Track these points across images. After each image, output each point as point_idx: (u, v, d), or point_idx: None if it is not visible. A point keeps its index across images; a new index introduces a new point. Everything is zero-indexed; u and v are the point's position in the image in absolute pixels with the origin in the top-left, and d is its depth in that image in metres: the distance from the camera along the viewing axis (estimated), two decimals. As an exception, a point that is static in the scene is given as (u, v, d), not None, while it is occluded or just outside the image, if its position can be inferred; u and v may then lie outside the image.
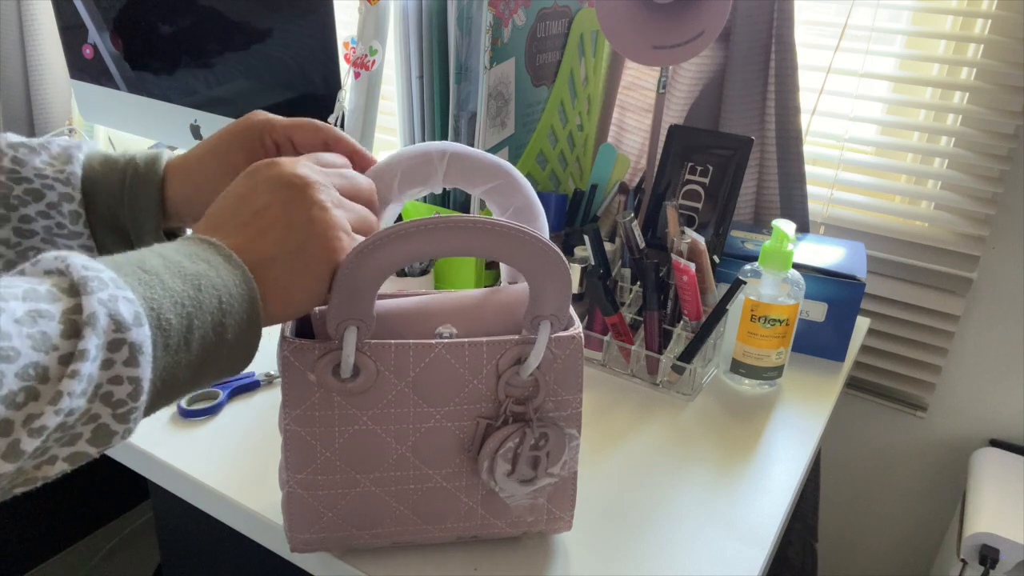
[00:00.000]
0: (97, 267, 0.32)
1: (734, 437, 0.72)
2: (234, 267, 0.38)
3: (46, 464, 0.31)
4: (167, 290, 0.34)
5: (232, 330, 0.37)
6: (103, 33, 1.18)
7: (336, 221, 0.42)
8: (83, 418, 0.31)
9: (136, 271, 0.34)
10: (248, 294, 0.38)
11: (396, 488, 0.51)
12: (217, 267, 0.37)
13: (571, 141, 0.99)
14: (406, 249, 0.44)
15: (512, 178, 0.52)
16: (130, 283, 0.33)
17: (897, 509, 1.19)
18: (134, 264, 0.34)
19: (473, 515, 0.53)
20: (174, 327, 0.34)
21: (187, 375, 0.36)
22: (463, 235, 0.44)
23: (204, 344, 0.36)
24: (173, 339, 0.34)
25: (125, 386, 0.32)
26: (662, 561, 0.57)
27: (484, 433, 0.50)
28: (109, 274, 0.32)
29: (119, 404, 0.32)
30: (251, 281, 0.38)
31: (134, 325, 0.32)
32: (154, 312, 0.33)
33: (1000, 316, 1.02)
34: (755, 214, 1.05)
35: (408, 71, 0.86)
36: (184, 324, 0.34)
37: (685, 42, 0.82)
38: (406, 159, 0.51)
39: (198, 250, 0.37)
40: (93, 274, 0.31)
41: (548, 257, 0.46)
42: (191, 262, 0.36)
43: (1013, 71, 0.93)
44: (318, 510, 0.51)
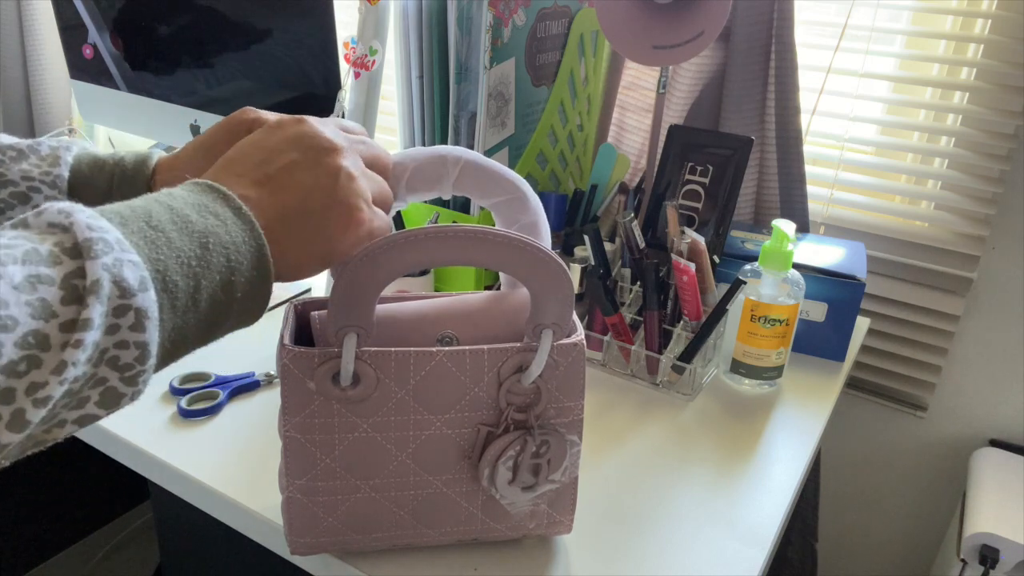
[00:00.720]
0: (102, 226, 0.31)
1: (734, 437, 0.72)
2: (244, 222, 0.37)
3: (55, 427, 0.31)
4: (173, 249, 0.33)
5: (241, 288, 0.36)
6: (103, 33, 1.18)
7: (361, 191, 0.41)
8: (90, 382, 0.31)
9: (142, 228, 0.33)
10: (257, 251, 0.37)
11: (396, 494, 0.51)
12: (226, 221, 0.36)
13: (571, 141, 0.99)
14: (407, 257, 0.44)
15: (524, 195, 0.51)
16: (135, 243, 0.32)
17: (897, 509, 1.19)
18: (141, 218, 0.33)
19: (473, 520, 0.53)
20: (181, 288, 0.33)
21: (196, 333, 0.35)
22: (466, 244, 0.44)
23: (213, 303, 0.35)
24: (180, 300, 0.33)
25: (132, 350, 0.31)
26: (662, 561, 0.57)
27: (485, 440, 0.50)
28: (115, 234, 0.31)
29: (126, 368, 0.32)
30: (260, 237, 0.37)
31: (139, 290, 0.31)
32: (160, 274, 0.32)
33: (1000, 316, 1.02)
34: (755, 214, 1.05)
35: (408, 71, 0.86)
36: (191, 284, 0.34)
37: (685, 42, 0.82)
38: (420, 158, 0.50)
39: (207, 201, 0.36)
40: (98, 235, 0.30)
41: (550, 267, 0.46)
42: (199, 215, 0.35)
43: (1013, 71, 0.93)
44: (318, 515, 0.50)
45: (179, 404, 0.69)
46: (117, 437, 0.66)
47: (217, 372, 0.74)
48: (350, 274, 0.43)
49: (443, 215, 0.86)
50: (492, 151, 0.85)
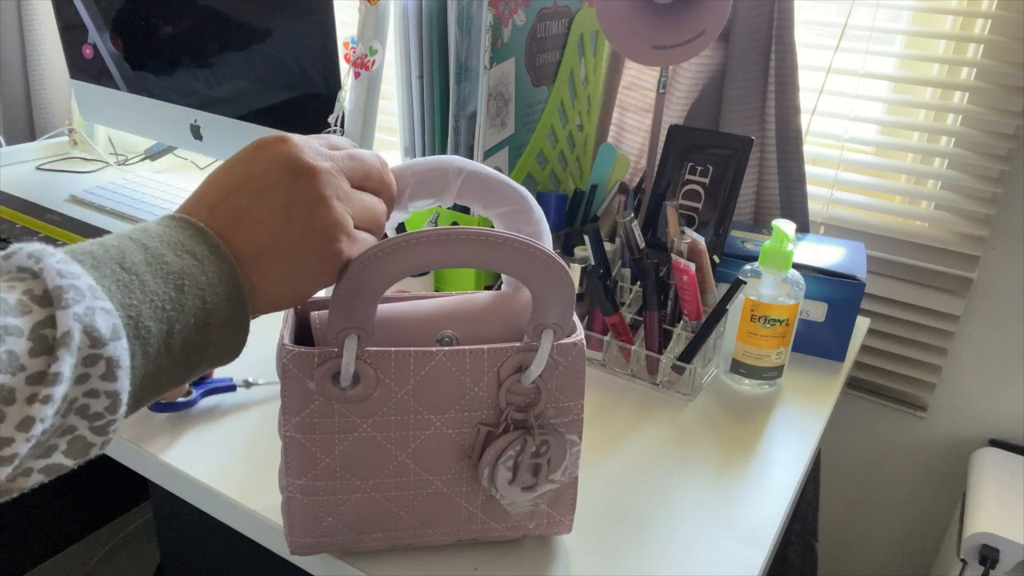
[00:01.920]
0: (73, 272, 0.30)
1: (734, 437, 0.72)
2: (221, 260, 0.35)
3: (21, 476, 0.30)
4: (147, 293, 0.32)
5: (217, 330, 0.35)
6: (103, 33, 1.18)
7: (338, 220, 0.39)
8: (58, 432, 0.30)
9: (115, 271, 0.32)
10: (234, 291, 0.36)
11: (396, 494, 0.51)
12: (203, 261, 0.35)
13: (571, 141, 0.99)
14: (409, 260, 0.43)
15: (527, 205, 0.51)
16: (108, 288, 0.31)
17: (897, 509, 1.19)
18: (114, 260, 0.32)
19: (473, 520, 0.53)
20: (153, 334, 0.32)
21: (169, 378, 0.34)
22: (467, 247, 0.44)
23: (186, 346, 0.34)
24: (153, 346, 0.32)
25: (102, 399, 0.30)
26: (662, 561, 0.57)
27: (485, 440, 0.50)
28: (86, 280, 0.30)
29: (96, 417, 0.30)
30: (238, 278, 0.36)
31: (111, 339, 0.30)
32: (132, 320, 0.31)
33: (1000, 316, 1.03)
34: (755, 214, 1.05)
35: (408, 71, 0.86)
36: (164, 329, 0.33)
37: (685, 42, 0.82)
38: (421, 169, 0.49)
39: (184, 238, 0.35)
40: (69, 282, 0.29)
41: (552, 268, 0.46)
42: (175, 255, 0.34)
43: (1013, 71, 0.93)
44: (318, 515, 0.50)
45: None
46: (117, 437, 0.66)
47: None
48: (352, 276, 0.43)
49: (443, 216, 0.86)
50: (492, 151, 0.85)
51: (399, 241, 0.43)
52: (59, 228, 1.01)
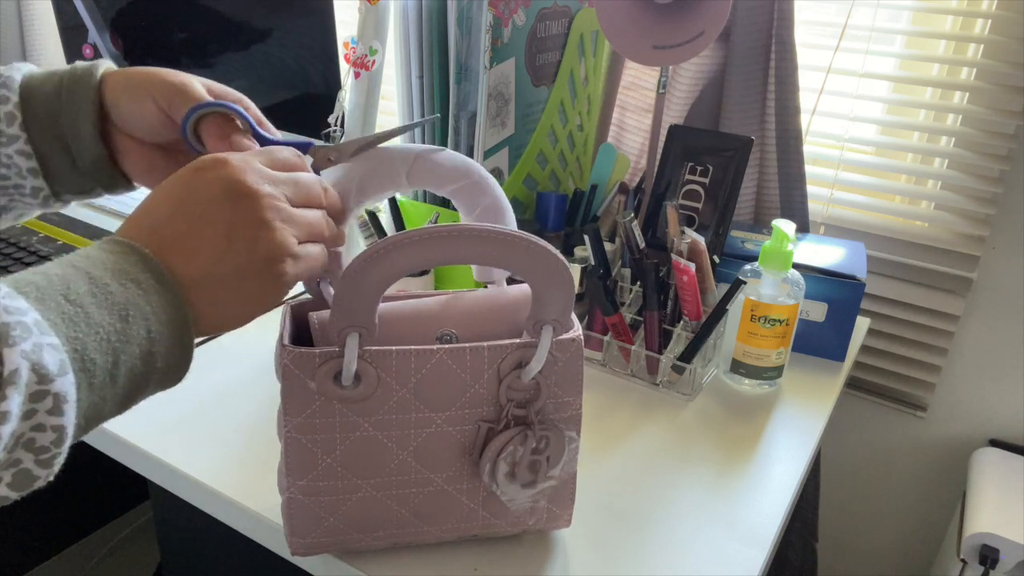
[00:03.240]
0: (19, 307, 0.30)
1: (734, 437, 0.72)
2: (165, 289, 0.35)
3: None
4: (92, 326, 0.32)
5: (162, 358, 0.35)
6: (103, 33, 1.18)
7: (282, 244, 0.39)
8: (3, 465, 0.30)
9: (60, 303, 0.31)
10: (179, 319, 0.36)
11: (397, 492, 0.51)
12: (147, 289, 0.35)
13: (571, 141, 0.99)
14: (410, 258, 0.43)
15: (479, 178, 0.51)
16: (53, 322, 0.31)
17: (897, 509, 1.19)
18: (59, 292, 0.32)
19: (474, 516, 0.53)
20: (99, 366, 0.32)
21: (113, 406, 0.34)
22: (467, 243, 0.44)
23: (131, 376, 0.34)
24: (98, 378, 0.32)
25: (48, 433, 0.30)
26: (662, 561, 0.57)
27: (485, 437, 0.50)
28: (32, 316, 0.30)
29: (42, 450, 0.31)
30: (183, 306, 0.36)
31: (58, 375, 0.30)
32: (78, 354, 0.31)
33: (1000, 316, 1.02)
34: (755, 214, 1.05)
35: (408, 71, 0.86)
36: (109, 361, 0.33)
37: (685, 42, 0.82)
38: (361, 166, 0.50)
39: (128, 265, 0.35)
40: (15, 319, 0.29)
41: (552, 264, 0.46)
42: (119, 284, 0.34)
43: (1013, 71, 0.93)
44: (319, 515, 0.50)
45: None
46: (117, 437, 0.66)
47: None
48: (353, 275, 0.43)
49: (443, 215, 0.86)
50: (492, 151, 0.85)
51: (399, 239, 0.43)
52: (59, 228, 1.01)
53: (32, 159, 0.48)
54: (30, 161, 0.48)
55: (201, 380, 0.74)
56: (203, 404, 0.70)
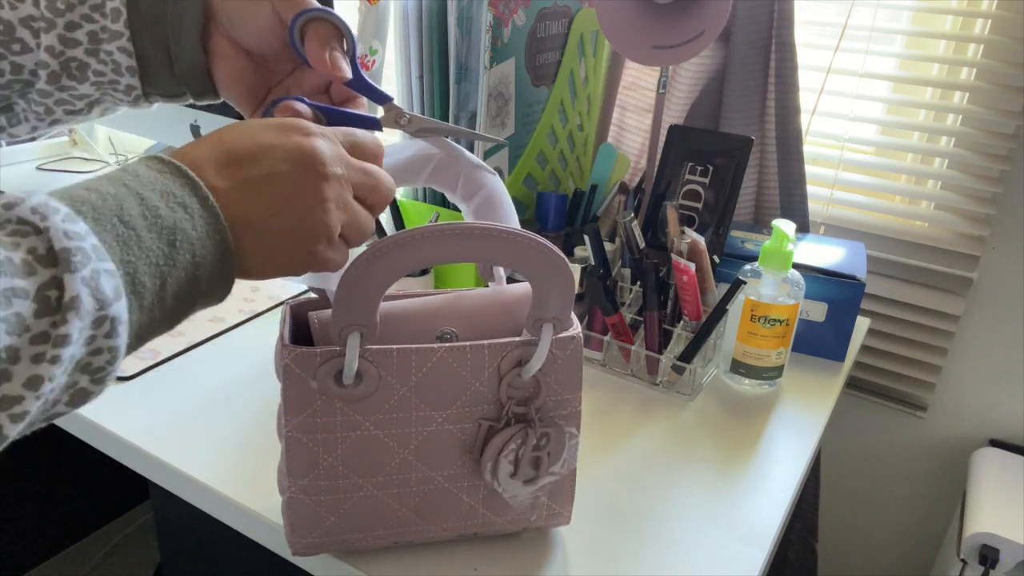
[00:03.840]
0: (78, 232, 0.30)
1: (734, 437, 0.72)
2: (210, 215, 0.36)
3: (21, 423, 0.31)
4: (144, 249, 0.33)
5: (206, 282, 0.37)
6: (103, 33, 1.17)
7: (329, 226, 0.40)
8: (63, 387, 0.31)
9: (115, 226, 0.32)
10: (221, 246, 0.37)
11: (398, 491, 0.51)
12: (193, 214, 0.35)
13: (571, 141, 0.99)
14: (411, 256, 0.44)
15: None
16: (109, 245, 0.32)
17: (897, 509, 1.19)
18: (113, 213, 0.33)
19: (475, 514, 0.53)
20: (148, 289, 0.33)
21: (161, 327, 0.36)
22: (468, 242, 0.44)
23: (177, 298, 0.36)
24: (147, 300, 0.34)
25: (104, 355, 0.32)
26: (662, 561, 0.57)
27: (486, 435, 0.50)
28: (91, 241, 0.31)
29: (97, 371, 0.32)
30: (224, 231, 0.37)
31: (114, 300, 0.31)
32: (130, 277, 0.32)
33: (1000, 316, 1.03)
34: (755, 214, 1.05)
35: (408, 71, 0.86)
36: (158, 284, 0.34)
37: (685, 42, 0.82)
38: (400, 161, 0.51)
39: (176, 188, 0.35)
40: (75, 244, 0.30)
41: (553, 261, 0.46)
42: (168, 207, 0.35)
43: (1013, 71, 0.93)
44: (320, 515, 0.50)
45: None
46: (117, 437, 0.66)
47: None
48: (355, 273, 0.43)
49: (443, 215, 0.86)
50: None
51: (400, 238, 0.43)
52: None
53: (132, 57, 0.48)
54: (130, 60, 0.48)
55: (201, 380, 0.74)
56: (203, 404, 0.70)
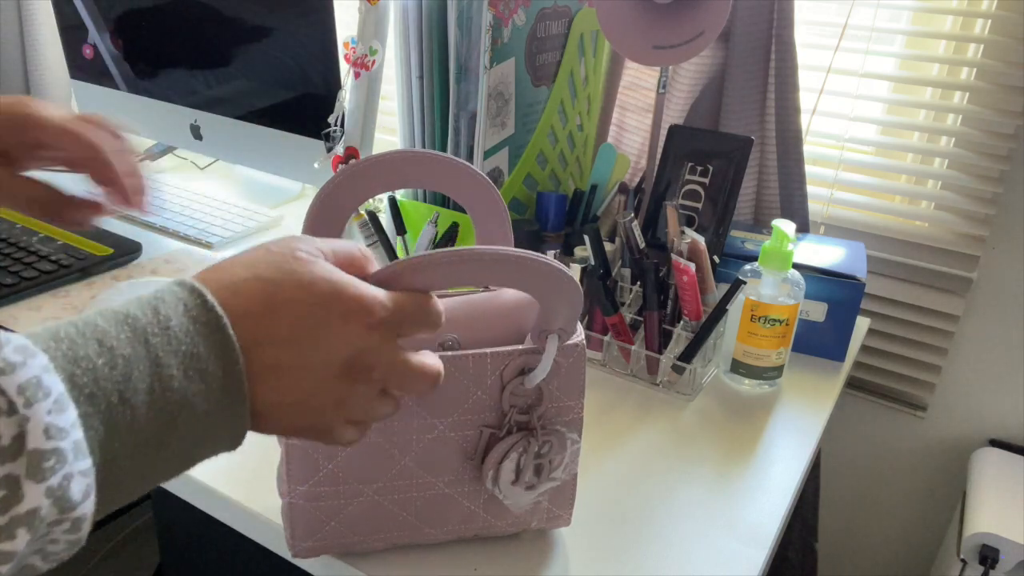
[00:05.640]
0: (64, 425, 0.26)
1: (734, 437, 0.72)
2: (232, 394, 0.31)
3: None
4: (134, 433, 0.29)
5: (202, 455, 0.33)
6: (103, 33, 1.18)
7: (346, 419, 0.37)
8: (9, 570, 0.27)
9: (111, 405, 0.28)
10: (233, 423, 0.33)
11: (399, 496, 0.51)
12: (210, 384, 0.31)
13: (571, 141, 0.99)
14: (420, 283, 0.41)
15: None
16: (94, 432, 0.27)
17: (897, 509, 1.19)
18: (115, 388, 0.28)
19: (475, 518, 0.53)
20: (127, 473, 0.29)
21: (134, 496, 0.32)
22: (475, 266, 0.41)
23: (160, 475, 0.31)
24: (125, 485, 0.30)
25: (61, 545, 0.28)
26: (662, 561, 0.57)
27: (488, 442, 0.50)
28: (75, 437, 0.26)
29: (52, 556, 0.29)
30: (244, 409, 0.32)
31: (82, 501, 0.27)
32: (109, 465, 0.28)
33: (1000, 316, 1.02)
34: (755, 214, 1.05)
35: (408, 71, 0.86)
36: (142, 467, 0.30)
37: (685, 42, 0.82)
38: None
39: (205, 349, 0.31)
40: (54, 445, 0.25)
41: (562, 281, 0.44)
42: (184, 375, 0.30)
43: (1013, 71, 0.93)
44: (320, 519, 0.51)
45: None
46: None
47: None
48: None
49: (443, 215, 0.86)
50: (492, 151, 0.85)
51: (409, 264, 0.40)
52: (59, 228, 1.01)
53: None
54: None
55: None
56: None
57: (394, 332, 0.37)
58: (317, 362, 0.34)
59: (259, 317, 0.33)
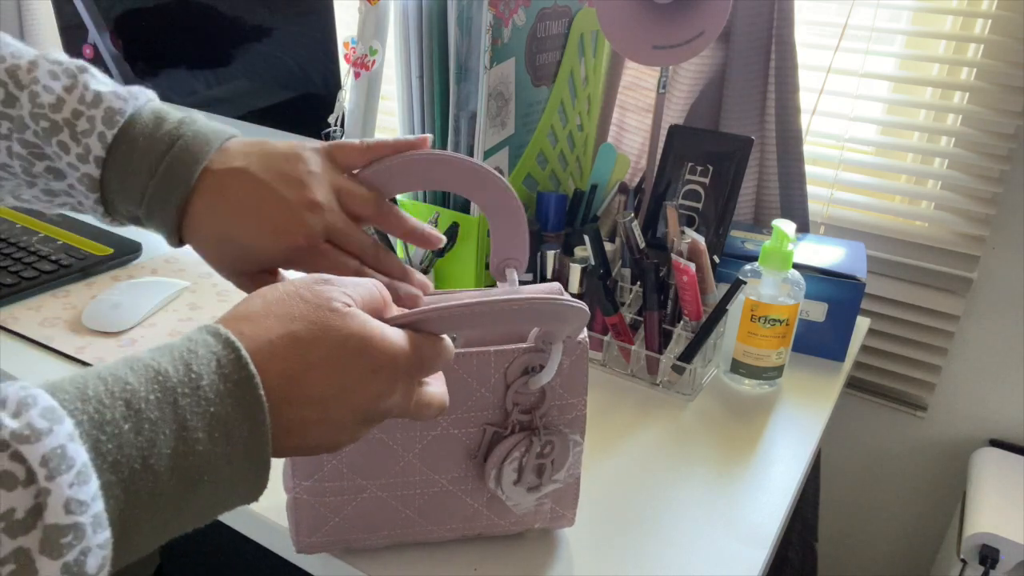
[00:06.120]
0: (86, 497, 0.25)
1: (734, 437, 0.72)
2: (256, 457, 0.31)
3: None
4: (155, 496, 0.28)
5: (220, 511, 0.32)
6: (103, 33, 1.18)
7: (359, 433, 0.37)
8: None
9: (134, 472, 0.27)
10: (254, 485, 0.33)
11: (403, 493, 0.51)
12: (235, 447, 0.30)
13: (571, 141, 0.99)
14: (437, 328, 0.40)
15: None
16: (115, 500, 0.27)
17: (897, 509, 1.19)
18: (141, 452, 0.28)
19: (479, 516, 0.53)
20: (144, 536, 0.29)
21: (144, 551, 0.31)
22: (492, 316, 0.41)
23: (173, 532, 0.31)
24: (139, 547, 0.29)
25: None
26: (662, 561, 0.57)
27: (491, 441, 0.50)
28: (95, 510, 0.25)
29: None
30: (265, 468, 0.32)
31: (96, 574, 0.26)
32: (127, 531, 0.27)
33: (1000, 316, 1.02)
34: (755, 214, 1.05)
35: (408, 71, 0.86)
36: (158, 530, 0.29)
37: (685, 42, 0.82)
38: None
39: (234, 412, 0.30)
40: (73, 520, 0.24)
41: (576, 315, 0.43)
42: (210, 438, 0.30)
43: (1013, 71, 0.93)
44: (324, 515, 0.51)
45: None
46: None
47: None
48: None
49: (443, 215, 0.86)
50: (492, 151, 0.85)
51: (435, 317, 0.39)
52: (59, 228, 1.01)
53: (105, 217, 0.47)
54: (103, 218, 0.47)
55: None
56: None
57: (414, 378, 0.38)
58: (342, 415, 0.35)
59: (291, 379, 0.33)
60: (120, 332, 0.80)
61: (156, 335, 0.81)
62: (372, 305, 0.38)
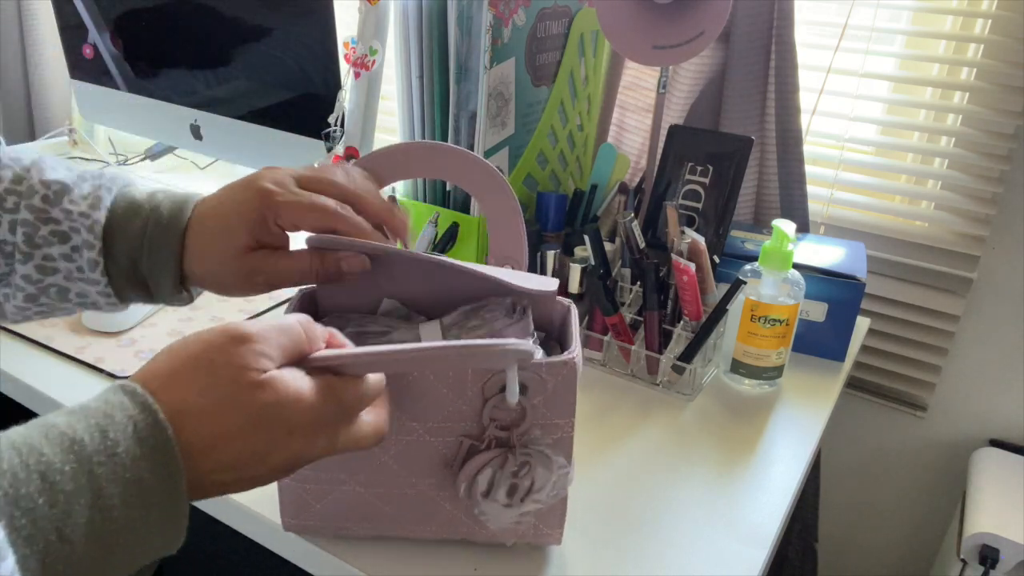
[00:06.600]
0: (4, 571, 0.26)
1: (734, 437, 0.72)
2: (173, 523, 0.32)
3: None
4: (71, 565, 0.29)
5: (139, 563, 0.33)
6: (103, 33, 1.17)
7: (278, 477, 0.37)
8: None
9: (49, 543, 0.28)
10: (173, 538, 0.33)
11: (383, 491, 0.51)
12: (150, 511, 0.31)
13: (571, 141, 0.99)
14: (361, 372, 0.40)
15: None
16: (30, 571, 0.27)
17: (897, 509, 1.19)
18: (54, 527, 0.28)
19: (459, 522, 0.53)
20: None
21: None
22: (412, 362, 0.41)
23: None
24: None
25: None
26: (662, 561, 0.57)
27: (467, 453, 0.49)
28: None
29: None
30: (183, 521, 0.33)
31: None
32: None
33: (1000, 316, 1.02)
34: (755, 214, 1.05)
35: (408, 71, 0.86)
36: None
37: (685, 42, 0.82)
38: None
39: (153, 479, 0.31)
40: None
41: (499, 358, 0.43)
42: (125, 504, 0.30)
43: (1013, 71, 0.93)
44: (307, 500, 0.52)
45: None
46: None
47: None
48: (352, 366, 0.40)
49: (443, 215, 0.86)
50: (492, 151, 0.85)
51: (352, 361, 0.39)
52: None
53: (112, 297, 0.50)
54: (109, 299, 0.50)
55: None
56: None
57: (340, 424, 0.38)
58: (260, 473, 0.35)
59: (208, 450, 0.33)
60: (120, 332, 0.80)
61: (156, 335, 0.81)
62: (295, 350, 0.37)
